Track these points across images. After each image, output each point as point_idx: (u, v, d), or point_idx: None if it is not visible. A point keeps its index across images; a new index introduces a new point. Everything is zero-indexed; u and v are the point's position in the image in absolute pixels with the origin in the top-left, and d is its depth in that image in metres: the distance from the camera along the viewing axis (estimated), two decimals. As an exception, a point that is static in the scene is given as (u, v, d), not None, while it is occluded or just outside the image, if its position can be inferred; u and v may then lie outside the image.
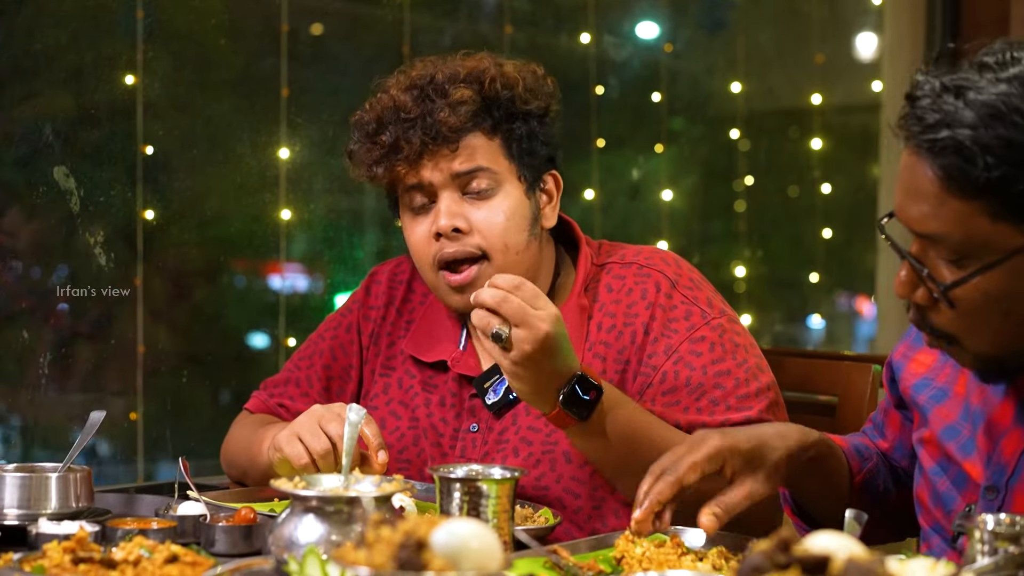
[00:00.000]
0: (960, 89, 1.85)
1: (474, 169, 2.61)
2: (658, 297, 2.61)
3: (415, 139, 2.58)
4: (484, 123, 2.62)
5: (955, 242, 1.88)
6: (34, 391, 3.52)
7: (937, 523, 2.16)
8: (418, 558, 1.49)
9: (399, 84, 2.66)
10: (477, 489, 2.07)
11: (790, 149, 5.54)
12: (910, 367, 2.25)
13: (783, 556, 1.40)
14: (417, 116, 2.59)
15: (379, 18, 4.23)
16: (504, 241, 2.61)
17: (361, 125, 2.66)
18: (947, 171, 1.84)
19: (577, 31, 4.73)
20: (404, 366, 2.78)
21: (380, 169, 2.62)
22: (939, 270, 1.92)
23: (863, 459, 2.34)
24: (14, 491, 2.31)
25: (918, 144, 1.87)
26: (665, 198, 5.04)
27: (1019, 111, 1.82)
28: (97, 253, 3.59)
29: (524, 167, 2.65)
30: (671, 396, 2.54)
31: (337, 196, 4.20)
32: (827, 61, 5.49)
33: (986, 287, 1.89)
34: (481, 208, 2.61)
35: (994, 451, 2.07)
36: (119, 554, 1.90)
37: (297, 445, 2.45)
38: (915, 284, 1.95)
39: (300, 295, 4.12)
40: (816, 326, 5.62)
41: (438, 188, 2.61)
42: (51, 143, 3.50)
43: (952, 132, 1.83)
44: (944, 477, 2.14)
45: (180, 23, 3.81)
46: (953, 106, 1.84)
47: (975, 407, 2.12)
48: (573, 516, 2.57)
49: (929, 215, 1.89)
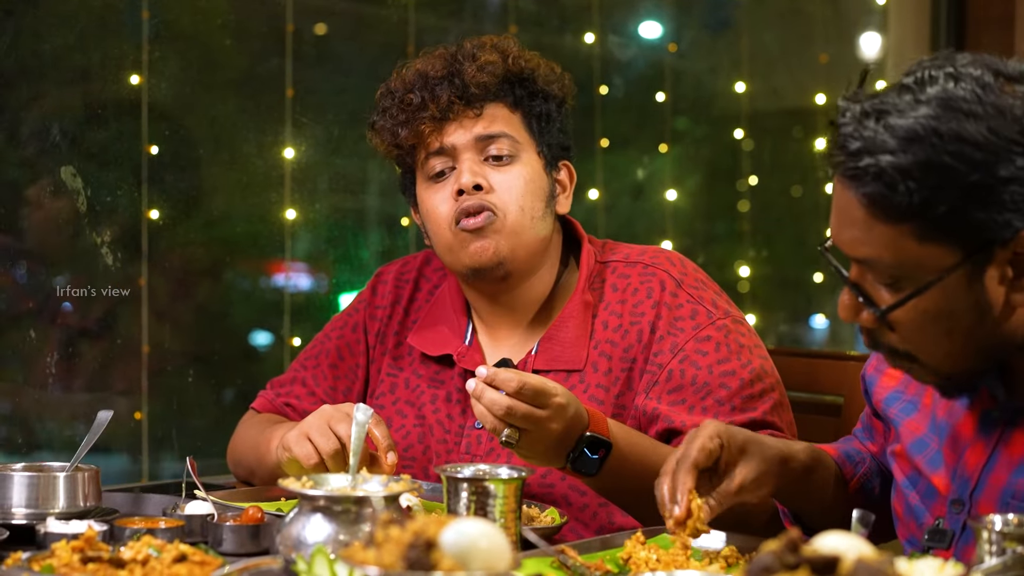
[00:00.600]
0: (880, 113, 1.86)
1: (497, 134, 2.66)
2: (663, 296, 2.62)
3: (442, 96, 2.64)
4: (506, 96, 2.68)
5: (887, 265, 1.90)
6: (40, 390, 3.52)
7: (912, 536, 2.16)
8: (427, 558, 1.49)
9: (426, 58, 2.72)
10: (484, 489, 2.07)
11: (794, 149, 5.53)
12: (882, 380, 2.26)
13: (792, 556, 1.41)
14: (445, 76, 2.66)
15: (384, 18, 4.23)
16: (520, 204, 2.65)
17: (388, 94, 2.72)
18: (871, 198, 1.86)
19: (581, 31, 4.73)
20: (412, 366, 2.79)
21: (405, 131, 2.67)
22: (878, 293, 1.94)
23: (855, 464, 2.34)
24: (22, 490, 2.31)
25: (843, 172, 1.88)
26: (669, 198, 5.03)
27: (937, 133, 1.82)
28: (104, 253, 3.59)
29: (543, 144, 2.71)
30: (677, 395, 2.55)
31: (342, 196, 4.20)
32: (831, 61, 5.48)
33: (924, 307, 1.90)
34: (501, 172, 2.66)
35: (958, 464, 2.07)
36: (128, 553, 1.90)
37: (307, 445, 2.46)
38: (858, 308, 1.97)
39: (305, 294, 4.12)
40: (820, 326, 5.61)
41: (460, 151, 2.65)
42: (58, 143, 3.50)
43: (874, 159, 1.84)
44: (914, 491, 2.15)
45: (185, 24, 3.81)
46: (874, 131, 1.85)
47: (941, 419, 2.12)
48: (579, 513, 2.58)
49: (860, 240, 1.90)
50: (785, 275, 5.53)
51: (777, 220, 5.49)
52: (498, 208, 2.63)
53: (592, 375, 2.60)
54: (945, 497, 2.08)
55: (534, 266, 2.70)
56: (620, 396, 2.59)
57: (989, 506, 2.00)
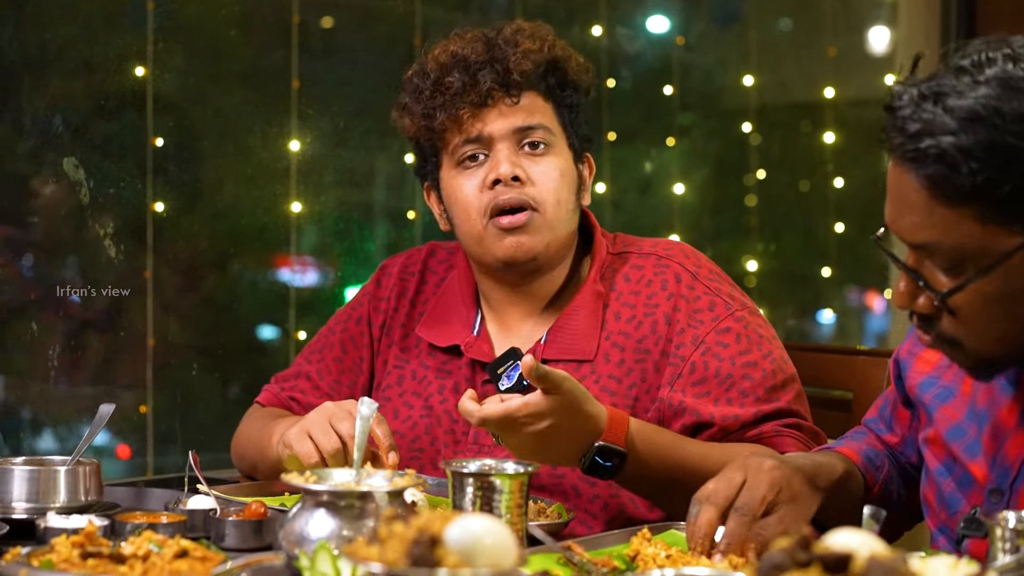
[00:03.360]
0: (939, 96, 1.84)
1: (535, 125, 2.63)
2: (679, 288, 2.61)
3: (484, 81, 2.59)
4: (541, 84, 2.65)
5: (948, 249, 1.87)
6: (43, 383, 3.51)
7: (943, 524, 2.14)
8: (432, 554, 1.47)
9: (460, 41, 2.67)
10: (490, 484, 2.05)
11: (802, 143, 5.51)
12: (916, 365, 2.24)
13: (804, 554, 1.39)
14: (487, 60, 2.61)
15: (390, 10, 4.21)
16: (557, 197, 2.62)
17: (422, 75, 2.66)
18: (932, 180, 1.83)
19: (589, 24, 4.71)
20: (419, 357, 2.77)
21: (443, 115, 2.62)
22: (936, 278, 1.91)
23: (876, 469, 2.33)
24: (23, 484, 2.29)
25: (902, 155, 1.86)
26: (676, 192, 5.02)
27: (999, 113, 1.80)
28: (107, 245, 3.58)
29: (572, 135, 2.69)
30: (701, 387, 2.54)
31: (348, 189, 4.19)
32: (840, 55, 5.46)
33: (984, 291, 1.88)
34: (537, 163, 2.63)
35: (998, 453, 2.05)
36: (128, 549, 1.89)
37: (307, 443, 2.44)
38: (914, 294, 1.94)
39: (310, 288, 4.11)
40: (827, 321, 5.59)
41: (496, 140, 2.62)
42: (61, 134, 3.49)
43: (934, 140, 1.82)
44: (949, 478, 2.13)
45: (191, 15, 3.80)
46: (933, 113, 1.83)
47: (981, 407, 2.10)
48: (589, 505, 2.57)
49: (920, 225, 1.88)
50: (793, 270, 5.51)
51: (785, 214, 5.48)
52: (536, 202, 2.60)
53: (604, 366, 2.58)
54: (983, 486, 2.06)
55: (561, 258, 2.69)
56: (633, 387, 2.58)
57: None
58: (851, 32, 5.52)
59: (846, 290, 5.62)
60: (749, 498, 2.03)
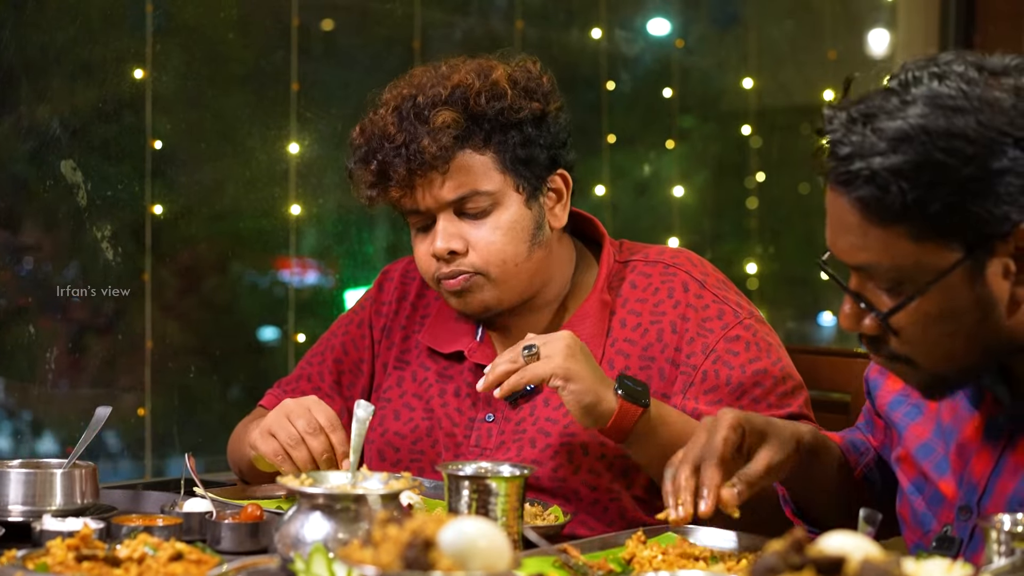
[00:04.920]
0: (868, 117, 1.85)
1: (466, 195, 2.58)
2: (687, 297, 2.62)
3: (401, 168, 2.55)
4: (475, 139, 2.58)
5: (886, 270, 1.88)
6: (42, 386, 3.51)
7: (919, 541, 2.14)
8: (425, 557, 1.47)
9: (388, 103, 2.62)
10: (486, 487, 2.06)
11: (802, 146, 5.50)
12: (886, 384, 2.25)
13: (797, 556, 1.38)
14: (401, 144, 2.55)
15: (389, 13, 4.21)
16: (502, 258, 2.59)
17: (354, 148, 2.64)
18: (864, 201, 1.85)
19: (588, 26, 4.71)
20: (419, 359, 2.78)
21: (374, 192, 2.61)
22: (878, 299, 1.92)
23: (860, 453, 2.34)
24: (19, 487, 2.29)
25: (835, 178, 1.88)
26: (676, 195, 5.01)
27: (926, 131, 1.81)
28: (105, 248, 3.57)
29: (521, 177, 2.61)
30: (713, 395, 2.55)
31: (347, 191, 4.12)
32: (840, 57, 5.46)
33: (926, 309, 1.88)
34: (477, 227, 2.60)
35: (965, 470, 2.06)
36: (123, 551, 1.89)
37: (270, 441, 2.47)
38: (860, 316, 1.95)
39: (310, 290, 4.10)
40: (827, 323, 5.59)
41: (435, 211, 2.60)
42: (59, 137, 3.48)
43: (864, 162, 1.83)
44: (920, 496, 2.14)
45: (189, 17, 3.79)
46: (862, 135, 1.84)
47: (947, 424, 2.11)
48: (590, 508, 2.58)
49: (856, 246, 1.89)
50: (793, 272, 5.51)
51: (785, 217, 5.48)
52: (478, 268, 2.59)
53: (609, 372, 2.58)
54: (953, 503, 2.06)
55: (532, 292, 2.68)
56: None
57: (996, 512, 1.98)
58: (851, 35, 5.52)
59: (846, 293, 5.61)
60: (710, 444, 2.06)
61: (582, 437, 2.57)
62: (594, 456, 2.57)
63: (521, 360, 2.35)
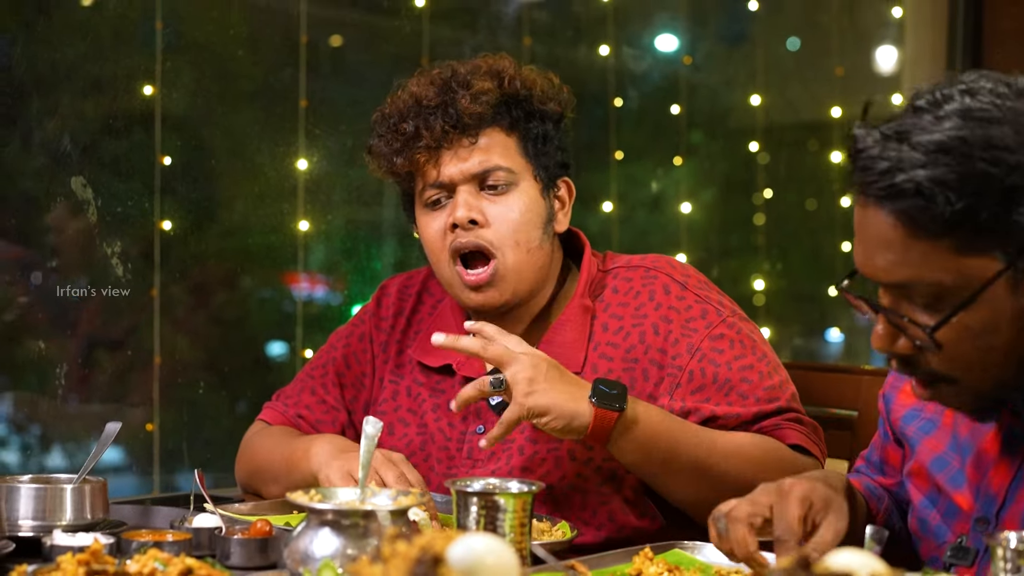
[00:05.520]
0: (902, 134, 1.83)
1: (492, 168, 2.64)
2: (668, 299, 2.65)
3: (436, 126, 2.62)
4: (503, 119, 2.66)
5: (927, 284, 1.86)
6: (51, 401, 3.52)
7: (933, 555, 2.14)
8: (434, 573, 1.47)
9: (420, 81, 2.70)
10: (494, 503, 2.06)
11: (809, 162, 5.52)
12: (899, 398, 2.24)
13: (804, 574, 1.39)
14: (439, 105, 2.64)
15: (398, 30, 4.22)
16: (515, 238, 2.64)
17: (383, 119, 2.70)
18: (909, 214, 1.82)
19: (596, 43, 4.72)
20: (412, 374, 2.81)
21: (400, 159, 2.66)
22: (916, 316, 1.89)
23: (878, 499, 2.33)
24: (29, 502, 2.30)
25: (874, 194, 1.85)
26: (684, 211, 5.02)
27: (966, 142, 1.80)
28: (115, 263, 3.59)
29: (539, 167, 2.69)
30: (700, 394, 2.57)
31: (355, 207, 4.19)
32: (847, 74, 5.47)
33: (967, 323, 1.87)
34: (497, 204, 2.65)
35: (982, 482, 2.05)
36: (133, 567, 1.89)
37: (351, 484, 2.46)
38: (894, 336, 1.93)
39: (318, 306, 4.11)
40: (835, 340, 5.59)
41: (457, 183, 2.64)
42: (69, 153, 3.50)
43: (907, 175, 1.81)
44: (934, 510, 2.12)
45: (199, 35, 3.81)
46: (899, 150, 1.82)
47: (964, 438, 2.10)
48: (580, 512, 2.61)
49: (897, 263, 1.87)
50: (800, 289, 5.51)
51: (792, 233, 5.48)
52: (493, 244, 2.63)
53: (591, 376, 2.60)
54: (968, 515, 2.06)
55: (535, 291, 2.72)
56: None
57: (1015, 524, 1.98)
58: (858, 51, 5.53)
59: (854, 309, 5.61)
60: (785, 523, 1.99)
61: (569, 444, 2.61)
62: (581, 461, 2.61)
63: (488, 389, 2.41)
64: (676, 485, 2.49)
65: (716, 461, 2.47)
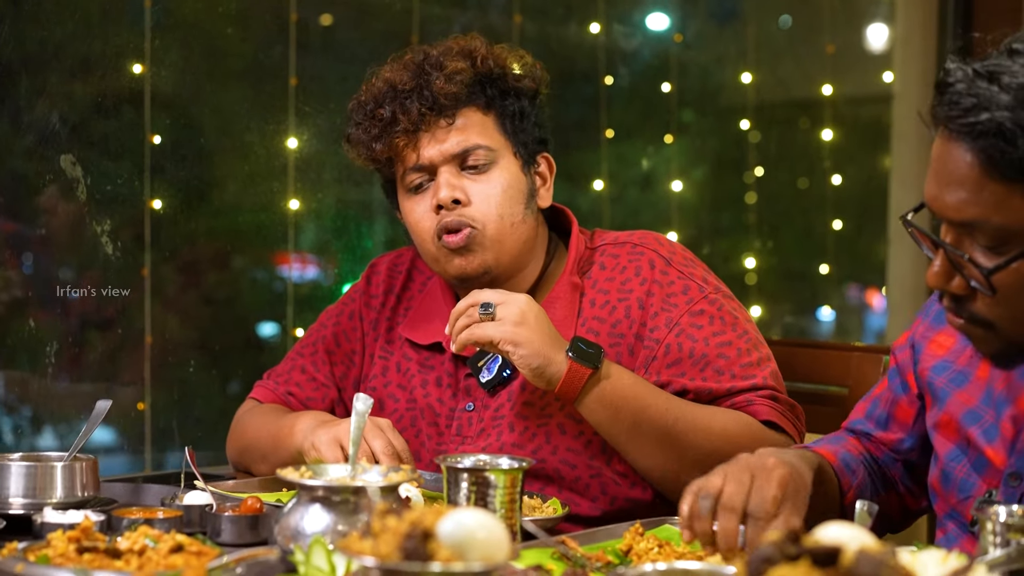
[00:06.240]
0: (993, 74, 1.82)
1: (471, 147, 2.67)
2: (653, 273, 2.66)
3: (412, 109, 2.64)
4: (478, 99, 2.69)
5: (994, 227, 1.85)
6: (42, 380, 3.51)
7: (953, 509, 2.14)
8: (424, 548, 1.48)
9: (393, 67, 2.73)
10: (484, 479, 2.06)
11: (801, 140, 5.52)
12: (929, 348, 2.23)
13: (793, 547, 1.39)
14: (414, 88, 2.66)
15: (388, 7, 4.21)
16: (499, 213, 2.67)
17: (359, 107, 2.73)
18: (987, 153, 1.82)
19: (587, 21, 4.71)
20: (402, 350, 2.83)
21: (379, 145, 2.68)
22: (977, 257, 1.89)
23: (852, 474, 2.30)
24: (19, 480, 2.30)
25: (956, 129, 1.84)
26: (675, 189, 5.02)
27: None
28: (104, 243, 3.58)
29: (518, 144, 2.72)
30: (676, 368, 2.58)
31: (346, 186, 4.19)
32: (838, 52, 5.47)
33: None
34: (478, 182, 2.67)
35: (1018, 438, 2.05)
36: (124, 544, 1.89)
37: (337, 451, 2.49)
38: (950, 274, 1.92)
39: (309, 285, 4.11)
40: (826, 318, 5.60)
41: (437, 165, 2.66)
42: (58, 132, 3.48)
43: (991, 114, 1.80)
44: (963, 461, 2.12)
45: (188, 12, 3.79)
46: (988, 90, 1.82)
47: (999, 392, 2.09)
48: (573, 485, 2.62)
49: (968, 201, 1.86)
50: (791, 267, 5.52)
51: (783, 212, 5.48)
52: (477, 221, 2.65)
53: None
54: (1000, 470, 2.06)
55: (520, 265, 2.74)
56: None
57: None
58: (849, 29, 5.52)
59: (845, 287, 5.62)
60: (762, 502, 1.97)
61: (558, 418, 2.62)
62: (571, 435, 2.62)
63: (477, 316, 2.45)
64: (641, 451, 2.49)
65: (683, 430, 2.47)
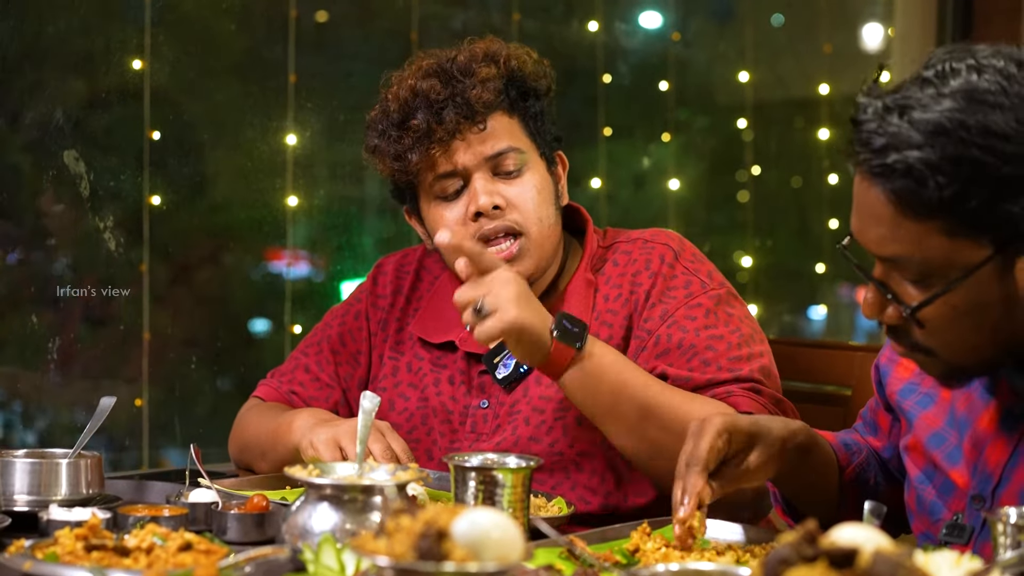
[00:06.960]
0: (904, 109, 1.82)
1: (505, 150, 2.64)
2: (661, 267, 2.66)
3: (448, 118, 2.60)
4: (504, 102, 2.66)
5: (916, 263, 1.86)
6: (41, 376, 3.51)
7: (927, 531, 2.14)
8: (439, 548, 1.47)
9: (415, 74, 2.66)
10: (492, 478, 2.06)
11: (797, 139, 5.52)
12: (896, 372, 2.24)
13: (810, 548, 1.39)
14: (447, 97, 2.61)
15: (388, 4, 4.21)
16: (538, 215, 2.65)
17: (384, 116, 2.66)
18: (899, 194, 1.82)
19: (586, 19, 4.72)
20: (413, 349, 2.81)
21: (415, 156, 2.62)
22: (904, 291, 1.90)
23: (852, 452, 2.32)
24: (24, 477, 2.29)
25: (868, 169, 1.84)
26: (672, 187, 5.03)
27: (964, 126, 1.78)
28: (106, 238, 3.58)
29: (542, 144, 2.71)
30: (664, 358, 2.56)
31: (344, 183, 4.19)
32: (835, 51, 5.47)
33: (954, 303, 1.87)
34: (513, 186, 2.65)
35: (979, 459, 2.05)
36: (132, 541, 1.88)
37: (335, 452, 2.46)
38: (882, 305, 1.93)
39: (306, 281, 4.11)
40: (819, 317, 5.60)
41: (472, 171, 2.63)
42: (60, 127, 3.48)
43: (900, 155, 1.80)
44: (929, 485, 2.12)
45: (188, 8, 3.79)
46: (898, 127, 1.81)
47: (960, 414, 2.10)
48: (588, 479, 2.61)
49: (887, 238, 1.86)
50: (787, 265, 5.52)
51: (779, 210, 5.49)
52: (520, 225, 2.63)
53: None
54: (964, 492, 2.06)
55: (550, 265, 2.71)
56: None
57: (1011, 502, 1.97)
58: (846, 28, 5.53)
59: (838, 286, 5.63)
60: (696, 449, 2.03)
61: (575, 411, 2.59)
62: (588, 427, 2.58)
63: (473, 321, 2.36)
64: (619, 431, 2.45)
65: (659, 412, 2.43)
